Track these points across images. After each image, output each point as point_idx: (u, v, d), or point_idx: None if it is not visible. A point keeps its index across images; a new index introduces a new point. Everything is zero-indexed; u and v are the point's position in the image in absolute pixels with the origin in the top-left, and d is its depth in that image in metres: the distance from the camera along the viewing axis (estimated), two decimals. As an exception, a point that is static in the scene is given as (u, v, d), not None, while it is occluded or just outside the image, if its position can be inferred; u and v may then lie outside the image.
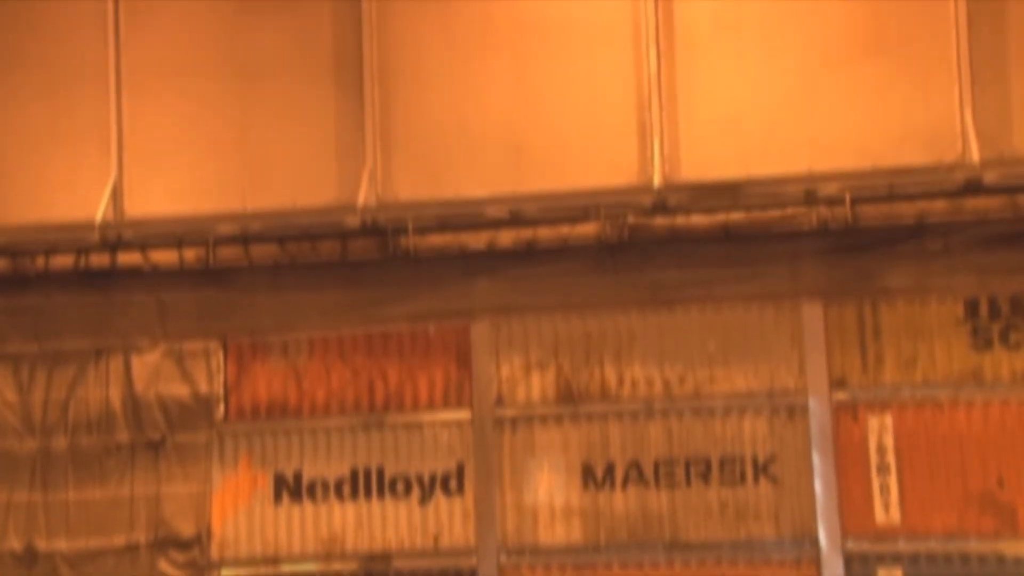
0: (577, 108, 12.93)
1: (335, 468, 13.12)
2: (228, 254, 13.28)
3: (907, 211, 12.18)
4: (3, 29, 13.78)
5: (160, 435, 13.36)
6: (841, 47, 12.41)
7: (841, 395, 12.38)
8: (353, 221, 13.03)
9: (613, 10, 12.91)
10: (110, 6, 13.59)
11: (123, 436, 13.40)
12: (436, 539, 12.96)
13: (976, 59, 12.01)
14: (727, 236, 12.53)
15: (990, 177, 11.87)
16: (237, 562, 13.13)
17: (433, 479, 12.99)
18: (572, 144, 12.91)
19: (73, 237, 13.32)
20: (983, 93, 11.98)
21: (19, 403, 13.55)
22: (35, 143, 13.64)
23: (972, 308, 12.21)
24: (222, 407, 13.38)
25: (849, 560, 12.15)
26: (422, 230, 12.99)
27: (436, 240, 13.04)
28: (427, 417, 13.12)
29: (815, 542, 12.21)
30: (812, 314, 12.48)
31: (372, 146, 13.20)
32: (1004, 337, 12.10)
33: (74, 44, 13.65)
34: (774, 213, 12.44)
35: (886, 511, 12.16)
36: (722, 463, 12.54)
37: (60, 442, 13.43)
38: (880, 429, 12.26)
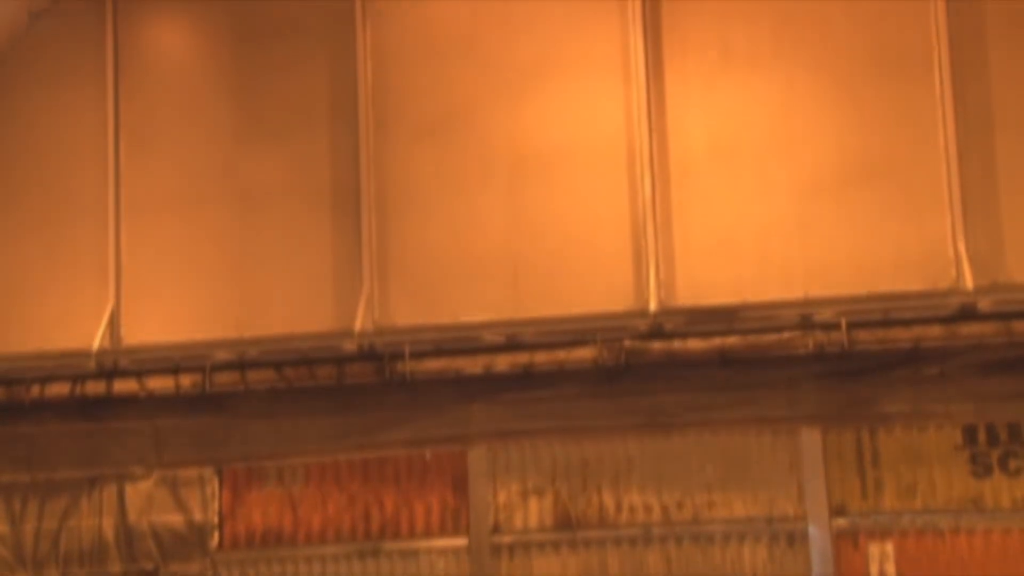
0: (573, 234, 13.02)
1: (331, 597, 13.01)
2: (224, 380, 13.25)
3: (903, 336, 12.22)
4: (3, 158, 13.96)
5: (153, 565, 13.20)
6: (834, 174, 12.54)
7: (841, 522, 12.29)
8: (350, 346, 13.05)
9: (608, 136, 13.07)
10: (110, 136, 13.80)
11: (116, 567, 13.23)
12: (433, 668, 12.79)
13: (967, 187, 12.15)
14: (724, 361, 12.53)
15: (984, 303, 11.94)
16: None
17: (431, 607, 12.87)
18: (568, 269, 12.98)
19: (69, 365, 13.31)
20: (975, 220, 12.09)
21: (11, 534, 13.40)
22: (33, 272, 13.68)
23: (970, 435, 12.19)
24: (216, 536, 13.24)
25: None
26: (419, 355, 12.98)
27: (433, 365, 13.03)
28: (424, 544, 12.99)
29: (817, 670, 12.09)
30: (810, 440, 12.46)
31: (369, 272, 13.25)
32: (1003, 464, 12.07)
33: (73, 173, 13.79)
34: (770, 338, 12.47)
35: (889, 639, 12.04)
36: (722, 591, 12.43)
37: (52, 574, 13.28)
38: (881, 557, 12.16)
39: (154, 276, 13.54)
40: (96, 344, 13.32)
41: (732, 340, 12.51)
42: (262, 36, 13.81)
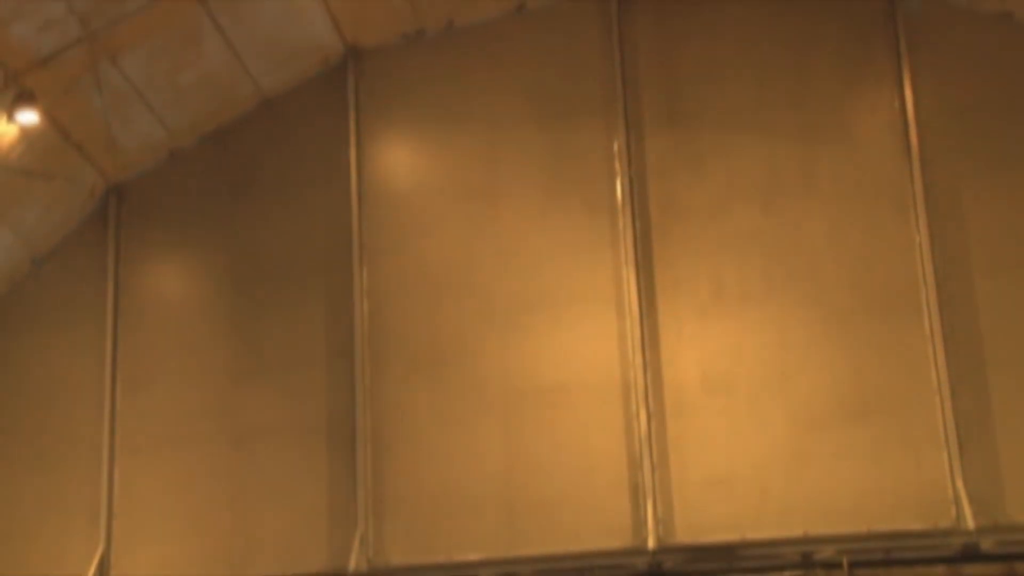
0: (569, 470, 12.93)
1: None
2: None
3: (906, 576, 12.05)
4: (1, 398, 14.04)
5: None
6: (829, 409, 12.50)
7: None
8: (345, 587, 12.89)
9: (603, 371, 13.11)
10: (108, 377, 13.90)
11: None
12: None
13: (962, 423, 12.09)
14: (726, 601, 12.32)
15: (987, 544, 11.73)
16: None
17: None
18: (565, 506, 12.83)
19: (57, 606, 13.12)
20: (972, 457, 11.99)
21: None
22: (24, 513, 13.64)
23: None
24: None
25: None
26: (413, 596, 12.81)
27: (428, 604, 12.83)
28: None
29: None
30: None
31: (364, 510, 13.13)
32: None
33: (70, 414, 13.89)
34: (771, 577, 12.30)
35: None
36: None
37: None
38: None
39: (146, 517, 13.47)
40: (86, 587, 13.17)
41: (734, 580, 12.33)
42: (260, 277, 14.11)
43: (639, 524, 12.65)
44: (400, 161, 14.29)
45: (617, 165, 13.49)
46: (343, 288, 13.81)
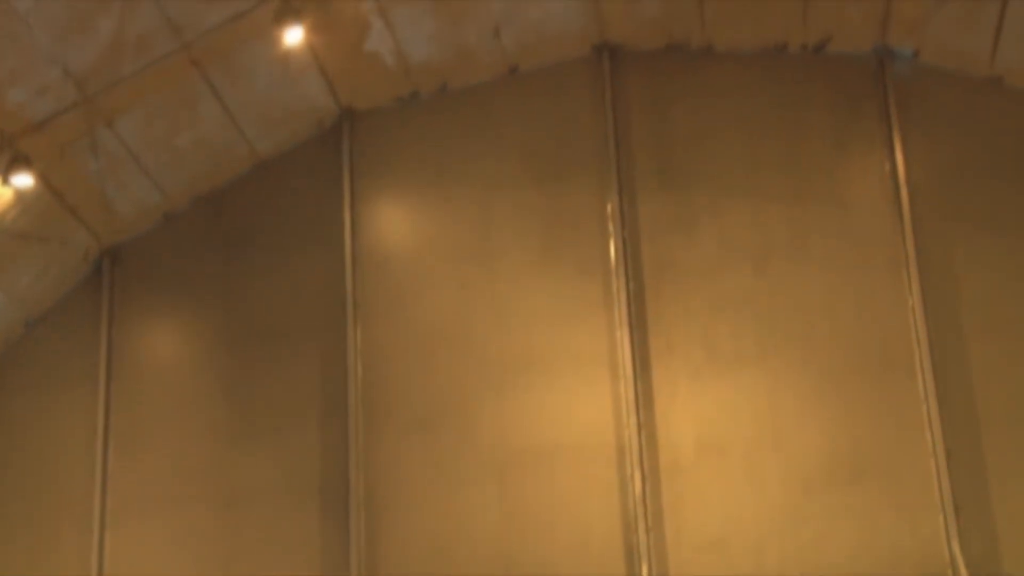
0: (564, 531, 12.87)
1: None
2: None
3: (905, 639, 11.98)
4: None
5: None
6: (824, 471, 12.48)
7: None
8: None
9: (597, 432, 13.07)
10: (100, 439, 13.85)
11: None
12: None
13: (957, 485, 12.05)
14: (724, 665, 12.23)
15: (984, 607, 11.77)
16: None
17: None
18: (560, 567, 12.74)
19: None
20: (968, 520, 11.96)
21: None
22: (17, 572, 13.47)
23: None
24: None
25: None
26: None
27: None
28: None
29: None
30: None
31: (358, 571, 13.04)
32: None
33: (61, 476, 13.82)
34: (770, 642, 12.21)
35: None
36: None
37: None
38: None
39: (138, 582, 13.40)
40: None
41: (729, 643, 12.25)
42: (254, 338, 14.09)
43: (635, 585, 12.66)
44: (394, 222, 14.35)
45: (610, 226, 13.56)
46: (337, 348, 13.80)
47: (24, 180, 12.70)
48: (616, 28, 13.86)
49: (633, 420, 12.98)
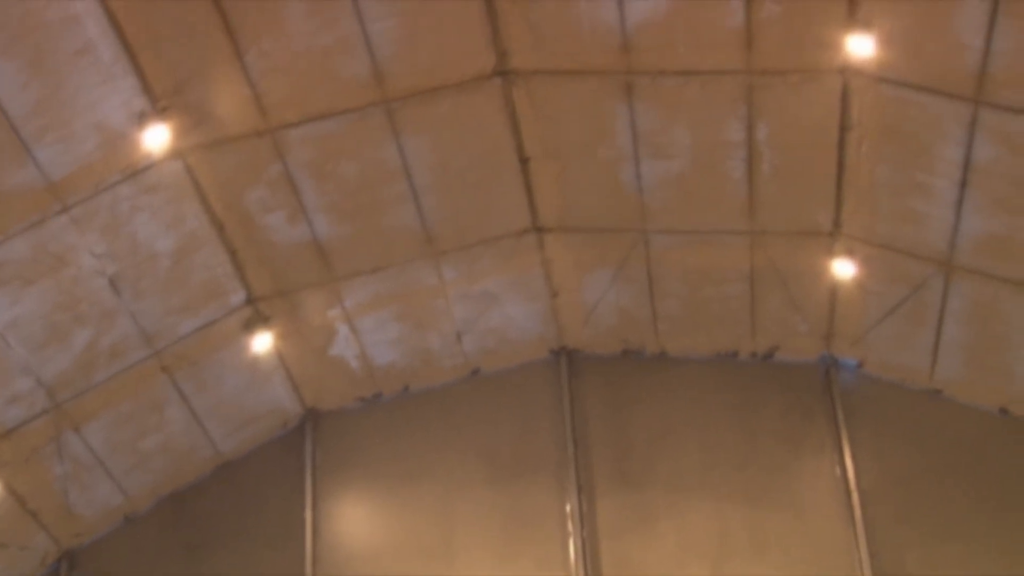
0: None
1: None
2: None
3: None
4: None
5: None
6: None
7: None
8: None
9: None
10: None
11: None
12: None
13: None
14: None
15: None
16: None
17: None
18: None
19: None
20: None
21: None
22: None
23: None
24: None
25: None
26: None
27: None
28: None
29: None
30: None
31: None
32: None
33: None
34: None
35: None
36: None
37: None
38: None
39: None
40: None
41: None
42: (211, 546, 14.01)
43: None
44: (356, 520, 14.39)
45: (570, 526, 13.76)
46: (295, 556, 13.72)
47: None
48: (573, 334, 14.44)
49: None
